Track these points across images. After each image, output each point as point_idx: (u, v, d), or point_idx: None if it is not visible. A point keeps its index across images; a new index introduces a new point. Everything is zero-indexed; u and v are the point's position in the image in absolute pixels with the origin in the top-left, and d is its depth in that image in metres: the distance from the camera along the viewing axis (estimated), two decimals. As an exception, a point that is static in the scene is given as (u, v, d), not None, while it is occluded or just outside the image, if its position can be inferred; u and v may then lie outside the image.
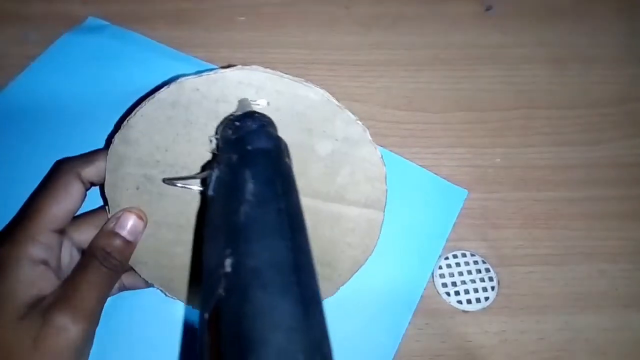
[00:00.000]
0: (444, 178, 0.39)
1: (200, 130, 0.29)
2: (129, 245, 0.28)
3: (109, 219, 0.29)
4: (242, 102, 0.28)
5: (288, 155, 0.26)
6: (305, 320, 0.19)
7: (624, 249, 0.37)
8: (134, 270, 0.31)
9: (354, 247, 0.31)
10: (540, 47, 0.47)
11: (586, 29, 0.49)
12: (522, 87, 0.45)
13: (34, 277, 0.26)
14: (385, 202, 0.31)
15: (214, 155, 0.29)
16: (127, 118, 0.28)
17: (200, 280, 0.23)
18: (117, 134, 0.28)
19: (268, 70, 0.28)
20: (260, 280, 0.20)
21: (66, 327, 0.24)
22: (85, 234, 0.28)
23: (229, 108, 0.28)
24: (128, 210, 0.29)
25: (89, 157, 0.29)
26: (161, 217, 0.30)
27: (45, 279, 0.26)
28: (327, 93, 0.29)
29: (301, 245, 0.22)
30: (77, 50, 0.42)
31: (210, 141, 0.29)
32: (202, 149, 0.29)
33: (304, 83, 0.28)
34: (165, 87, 0.28)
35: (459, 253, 0.36)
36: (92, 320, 0.26)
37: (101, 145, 0.36)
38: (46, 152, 0.38)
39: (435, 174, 0.39)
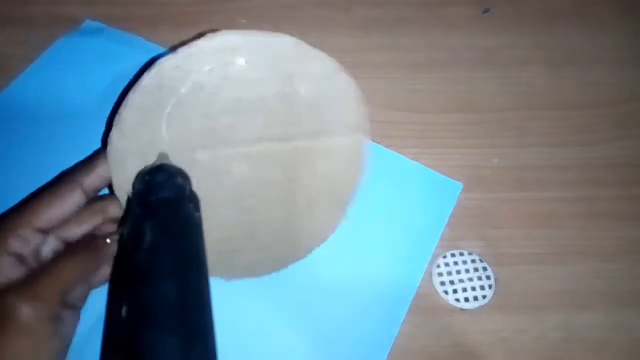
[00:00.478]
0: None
1: (190, 105, 0.29)
2: (104, 245, 0.29)
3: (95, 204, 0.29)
4: (160, 155, 0.29)
5: (193, 200, 0.27)
6: (185, 355, 0.21)
7: (620, 249, 0.37)
8: None
9: (351, 173, 0.34)
10: (538, 49, 0.48)
11: (584, 30, 0.49)
12: (520, 88, 0.45)
13: (3, 267, 0.26)
14: (370, 128, 0.33)
15: (126, 210, 0.30)
16: (118, 112, 0.29)
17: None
18: (112, 130, 0.29)
19: (238, 31, 0.29)
20: (148, 320, 0.22)
21: (18, 308, 0.24)
22: (73, 231, 0.29)
23: (213, 77, 0.29)
24: (115, 197, 0.30)
25: (89, 165, 0.29)
26: None
27: (14, 271, 0.26)
28: (295, 38, 0.30)
29: (191, 285, 0.24)
30: (74, 53, 0.43)
31: (128, 197, 0.29)
32: (197, 124, 0.30)
33: (274, 34, 0.29)
34: (146, 72, 0.28)
35: (457, 252, 0.37)
36: (45, 303, 0.25)
37: (98, 146, 0.36)
38: (43, 153, 0.38)
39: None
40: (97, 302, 0.32)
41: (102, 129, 0.37)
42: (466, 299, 0.35)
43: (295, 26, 0.48)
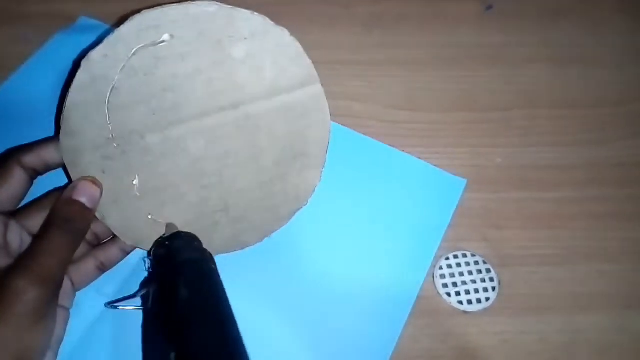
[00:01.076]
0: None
1: (127, 91, 0.30)
2: (88, 211, 0.29)
3: (68, 187, 0.29)
4: (170, 226, 0.32)
5: (213, 262, 0.30)
6: None
7: (624, 250, 0.37)
8: (106, 244, 0.33)
9: (313, 127, 0.33)
10: (541, 47, 0.47)
11: (587, 28, 0.49)
12: (523, 86, 0.45)
13: None
14: (316, 74, 0.32)
15: (149, 273, 0.32)
16: (62, 113, 0.29)
17: None
18: (61, 130, 0.30)
19: (155, 8, 0.29)
20: None
21: (24, 289, 0.25)
22: (35, 219, 0.29)
23: (143, 58, 0.29)
24: (84, 178, 0.30)
25: (32, 145, 0.30)
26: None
27: None
28: (215, 3, 0.30)
29: (230, 330, 0.27)
30: (68, 51, 0.42)
31: (144, 261, 0.33)
32: (140, 109, 0.30)
33: (192, 3, 0.29)
34: (79, 69, 0.29)
35: (459, 253, 0.36)
36: (51, 284, 0.26)
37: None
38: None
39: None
40: (90, 307, 0.33)
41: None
42: (469, 302, 0.34)
43: (296, 23, 0.47)
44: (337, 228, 0.37)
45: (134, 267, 0.34)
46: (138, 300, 0.31)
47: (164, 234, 0.32)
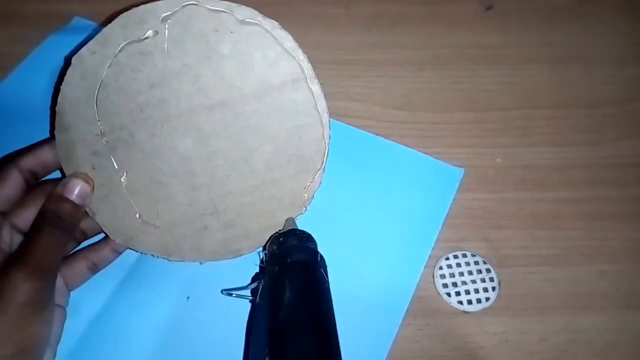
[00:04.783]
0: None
1: (115, 87, 0.30)
2: (78, 208, 0.30)
3: (57, 186, 0.30)
4: (288, 220, 0.32)
5: (323, 267, 0.29)
6: None
7: (624, 249, 0.37)
8: (99, 245, 0.33)
9: (309, 128, 0.31)
10: (541, 47, 0.47)
11: (587, 28, 0.49)
12: (522, 86, 0.45)
13: None
14: (311, 69, 0.31)
15: (261, 267, 0.31)
16: (56, 107, 0.30)
17: None
18: (55, 125, 0.30)
19: (140, 7, 0.29)
20: None
21: (22, 280, 0.25)
22: (23, 216, 0.29)
23: (129, 55, 0.29)
24: (75, 175, 0.30)
25: (29, 148, 0.31)
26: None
27: None
28: None
29: (329, 342, 0.26)
30: (62, 51, 0.42)
31: (259, 255, 0.32)
32: (128, 105, 0.30)
33: None
34: (70, 67, 0.29)
35: (459, 253, 0.36)
36: (47, 276, 0.27)
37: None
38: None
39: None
40: (90, 307, 0.33)
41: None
42: (469, 302, 0.34)
43: (295, 23, 0.47)
44: (333, 221, 0.36)
45: (133, 267, 0.34)
46: (248, 292, 0.32)
47: (280, 229, 0.32)
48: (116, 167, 0.31)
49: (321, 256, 0.30)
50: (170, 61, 0.30)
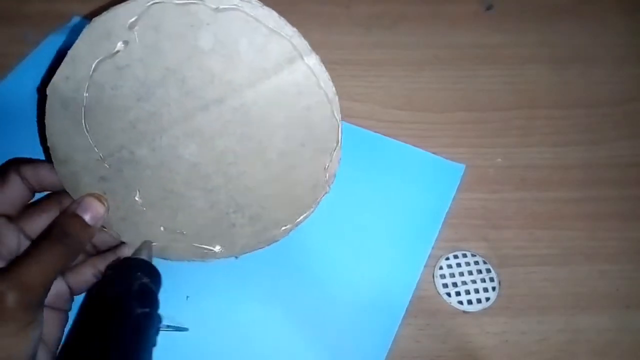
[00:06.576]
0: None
1: (100, 108, 0.28)
2: (88, 229, 0.29)
3: (73, 202, 0.29)
4: (143, 244, 0.31)
5: (140, 297, 0.28)
6: None
7: (624, 249, 0.37)
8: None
9: (316, 106, 0.29)
10: (541, 47, 0.47)
11: (587, 28, 0.49)
12: (522, 86, 0.45)
13: None
14: (305, 44, 0.28)
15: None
16: (47, 143, 0.29)
17: None
18: (53, 160, 0.29)
19: (101, 16, 0.27)
20: None
21: (3, 293, 0.24)
22: (34, 223, 0.29)
23: (105, 72, 0.28)
24: (89, 194, 0.30)
25: (32, 159, 0.30)
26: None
27: None
28: None
29: None
30: (61, 50, 0.42)
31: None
32: (118, 124, 0.29)
33: (129, 2, 0.27)
34: (47, 99, 0.28)
35: (459, 253, 0.36)
36: (33, 292, 0.25)
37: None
38: (33, 150, 0.38)
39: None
40: None
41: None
42: (469, 302, 0.34)
43: (295, 23, 0.47)
44: (333, 220, 0.36)
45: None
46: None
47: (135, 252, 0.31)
48: (126, 187, 0.30)
49: (141, 285, 0.28)
50: (150, 70, 0.28)
